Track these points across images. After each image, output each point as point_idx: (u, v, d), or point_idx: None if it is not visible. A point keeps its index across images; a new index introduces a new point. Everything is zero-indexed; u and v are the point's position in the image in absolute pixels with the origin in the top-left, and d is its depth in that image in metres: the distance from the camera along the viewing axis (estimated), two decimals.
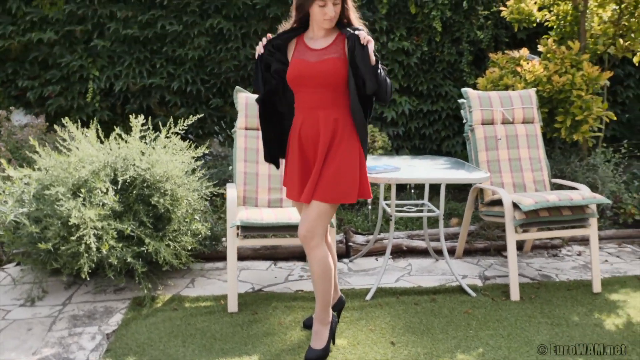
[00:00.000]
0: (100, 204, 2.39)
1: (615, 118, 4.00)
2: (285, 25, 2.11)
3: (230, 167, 3.95)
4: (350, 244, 3.36)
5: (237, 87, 3.08)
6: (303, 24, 2.07)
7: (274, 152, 2.17)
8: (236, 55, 4.36)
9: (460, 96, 4.37)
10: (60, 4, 4.12)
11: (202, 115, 3.48)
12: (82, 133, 2.72)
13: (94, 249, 2.28)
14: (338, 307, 2.35)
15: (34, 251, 2.56)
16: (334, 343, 2.20)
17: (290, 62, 2.05)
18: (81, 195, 2.39)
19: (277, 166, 2.21)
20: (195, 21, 4.27)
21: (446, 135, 4.68)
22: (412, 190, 4.06)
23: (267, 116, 2.12)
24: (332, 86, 2.00)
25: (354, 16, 2.05)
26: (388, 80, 2.02)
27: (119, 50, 4.24)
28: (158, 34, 4.24)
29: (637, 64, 4.15)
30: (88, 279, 2.38)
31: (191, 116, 2.98)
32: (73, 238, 2.28)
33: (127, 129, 4.20)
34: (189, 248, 2.75)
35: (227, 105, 4.47)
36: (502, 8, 4.25)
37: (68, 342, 2.23)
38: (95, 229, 2.31)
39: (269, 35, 2.09)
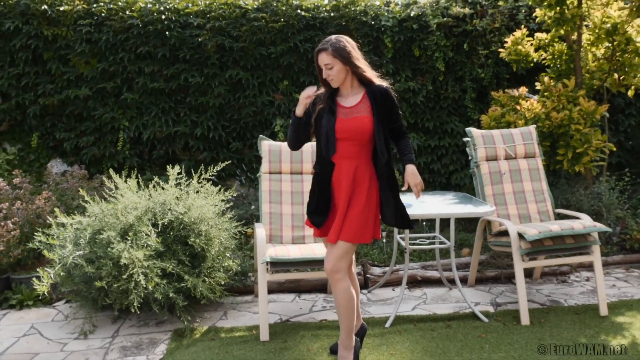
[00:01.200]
0: (145, 245, 2.78)
1: (615, 149, 4.35)
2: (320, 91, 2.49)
3: (252, 207, 4.35)
4: (368, 275, 3.70)
5: (261, 135, 3.50)
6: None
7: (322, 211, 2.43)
8: (254, 101, 4.82)
9: (465, 132, 4.77)
10: (93, 62, 4.64)
11: (229, 162, 3.89)
12: (125, 181, 3.14)
13: (142, 286, 2.65)
14: (361, 333, 2.68)
15: (84, 289, 2.94)
16: None
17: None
18: (129, 238, 2.78)
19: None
20: (215, 73, 4.76)
21: (454, 169, 5.05)
22: (424, 223, 4.40)
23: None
24: (359, 140, 2.38)
25: (371, 74, 2.42)
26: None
27: (146, 102, 4.72)
28: (182, 85, 4.74)
29: (631, 97, 4.54)
30: (138, 312, 2.73)
31: (220, 163, 3.39)
32: (124, 276, 2.65)
33: (154, 173, 4.67)
34: (222, 283, 3.11)
35: (245, 148, 4.91)
36: (500, 50, 4.69)
37: None
38: (142, 267, 2.68)
39: (313, 90, 2.40)
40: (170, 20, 4.67)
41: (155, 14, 4.65)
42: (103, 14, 4.63)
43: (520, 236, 3.13)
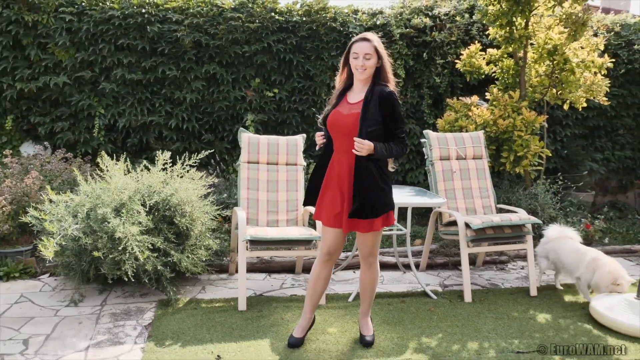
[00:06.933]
0: (137, 222, 3.17)
1: (550, 154, 5.11)
2: (338, 79, 2.75)
3: (224, 195, 4.78)
4: None
5: (241, 128, 3.96)
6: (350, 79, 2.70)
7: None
8: (227, 96, 5.25)
9: (422, 134, 5.40)
10: (72, 51, 4.91)
11: (211, 150, 4.32)
12: (115, 163, 3.50)
13: (135, 257, 3.04)
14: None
15: (73, 262, 3.29)
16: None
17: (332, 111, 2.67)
18: (122, 215, 3.16)
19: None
20: (191, 67, 5.15)
21: (410, 168, 5.68)
22: None
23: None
24: (353, 135, 2.58)
25: (390, 77, 2.66)
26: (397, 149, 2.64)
27: (123, 92, 5.04)
28: (158, 77, 5.09)
29: (566, 110, 5.32)
30: (132, 280, 3.12)
31: (203, 151, 3.82)
32: (119, 248, 3.04)
33: (127, 160, 4.96)
34: (203, 259, 3.54)
35: (217, 140, 5.32)
36: (456, 61, 5.35)
37: (115, 331, 2.96)
38: (136, 241, 3.08)
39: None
40: (150, 14, 5.02)
41: (135, 7, 4.98)
42: (84, 4, 4.91)
43: (467, 225, 3.75)
